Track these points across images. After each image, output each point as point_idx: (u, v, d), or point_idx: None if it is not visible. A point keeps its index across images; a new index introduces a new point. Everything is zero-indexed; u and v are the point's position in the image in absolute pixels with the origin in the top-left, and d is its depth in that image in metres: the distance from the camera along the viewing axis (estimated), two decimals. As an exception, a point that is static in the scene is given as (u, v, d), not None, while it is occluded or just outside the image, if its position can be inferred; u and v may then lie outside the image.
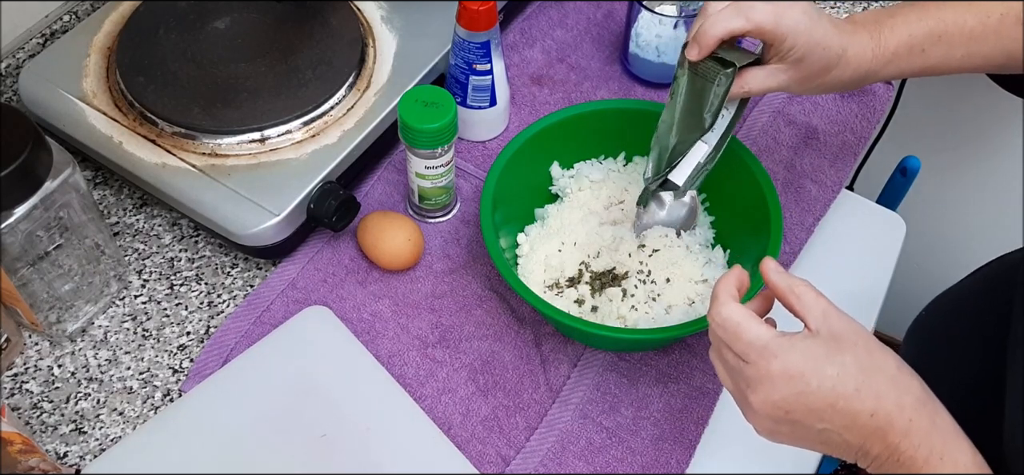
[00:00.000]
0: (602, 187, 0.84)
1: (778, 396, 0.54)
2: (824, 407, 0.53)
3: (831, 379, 0.53)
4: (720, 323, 0.57)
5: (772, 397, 0.54)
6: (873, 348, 0.55)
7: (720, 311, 0.57)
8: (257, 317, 0.78)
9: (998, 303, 0.76)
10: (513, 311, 0.80)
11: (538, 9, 1.02)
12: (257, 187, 0.78)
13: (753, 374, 0.55)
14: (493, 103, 0.88)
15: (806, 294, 0.56)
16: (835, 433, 0.54)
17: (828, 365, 0.54)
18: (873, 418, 0.53)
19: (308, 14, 0.89)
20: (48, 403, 0.74)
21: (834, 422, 0.54)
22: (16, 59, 0.91)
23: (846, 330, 0.55)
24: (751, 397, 0.56)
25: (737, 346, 0.56)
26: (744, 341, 0.55)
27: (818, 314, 0.56)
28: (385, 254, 0.80)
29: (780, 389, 0.54)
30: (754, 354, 0.55)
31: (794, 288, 0.57)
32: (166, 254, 0.83)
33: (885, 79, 0.74)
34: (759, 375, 0.55)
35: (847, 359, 0.54)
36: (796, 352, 0.54)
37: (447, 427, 0.73)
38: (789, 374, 0.54)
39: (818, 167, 0.90)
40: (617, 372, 0.77)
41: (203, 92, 0.82)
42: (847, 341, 0.55)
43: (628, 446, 0.73)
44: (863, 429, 0.53)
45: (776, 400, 0.54)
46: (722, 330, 0.57)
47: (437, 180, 0.81)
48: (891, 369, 0.54)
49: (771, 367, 0.54)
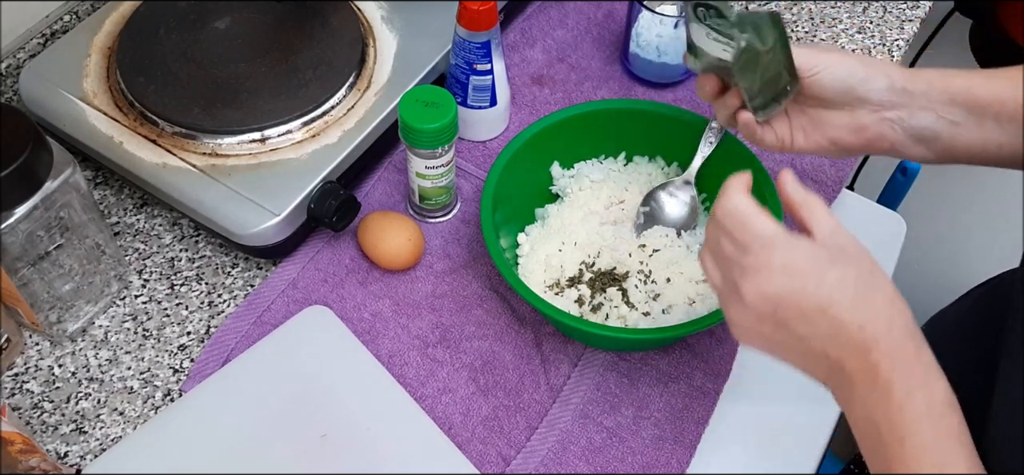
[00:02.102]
0: (602, 187, 0.84)
1: (772, 289, 0.54)
2: (815, 311, 0.53)
3: (829, 285, 0.53)
4: (729, 211, 0.56)
5: (766, 289, 0.54)
6: (875, 269, 0.55)
7: (731, 199, 0.57)
8: (257, 317, 0.78)
9: (991, 324, 0.76)
10: (513, 311, 0.80)
11: (538, 9, 1.02)
12: (257, 187, 0.78)
13: (751, 264, 0.55)
14: (493, 103, 0.88)
15: (818, 209, 0.57)
16: (816, 342, 0.54)
17: (829, 270, 0.53)
18: (860, 331, 0.52)
19: (308, 14, 0.89)
20: (49, 403, 0.74)
21: (819, 329, 0.53)
22: (16, 59, 0.91)
23: (852, 246, 0.55)
24: (743, 287, 0.55)
25: (742, 235, 0.55)
26: (750, 231, 0.55)
27: (827, 229, 0.56)
28: (385, 254, 0.80)
29: (776, 282, 0.54)
30: (757, 245, 0.55)
31: (808, 201, 0.57)
32: (166, 254, 0.83)
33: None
34: (758, 265, 0.54)
35: (849, 271, 0.54)
36: (800, 250, 0.54)
37: (447, 427, 0.73)
38: (789, 269, 0.54)
39: (818, 166, 0.90)
40: (617, 372, 0.77)
41: (203, 92, 0.82)
42: (851, 256, 0.55)
43: (628, 446, 0.73)
44: (846, 342, 0.53)
45: (769, 293, 0.54)
46: (729, 219, 0.56)
47: (437, 180, 0.81)
48: (889, 292, 0.54)
49: (772, 259, 0.54)
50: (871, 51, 1.01)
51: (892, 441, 0.51)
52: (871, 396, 0.52)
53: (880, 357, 0.52)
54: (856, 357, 0.53)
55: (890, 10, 1.05)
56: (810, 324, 0.54)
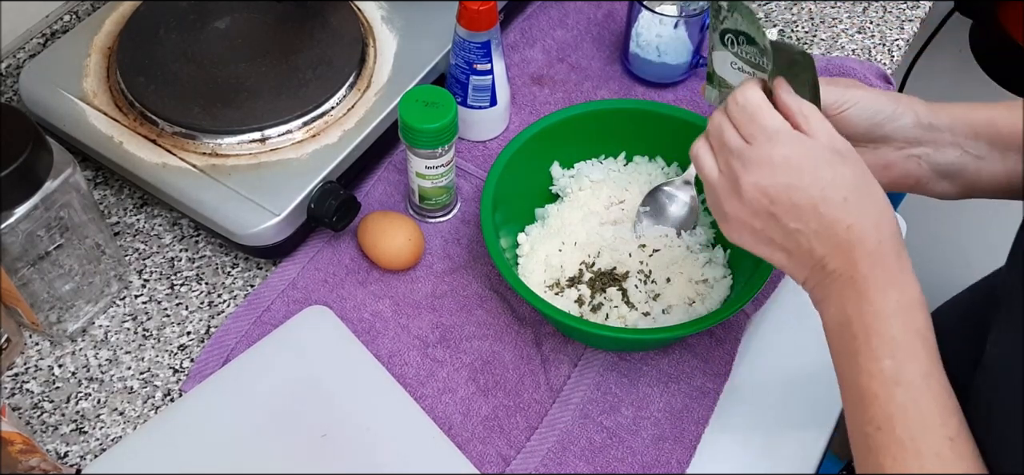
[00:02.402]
0: (602, 187, 0.84)
1: (770, 182, 0.56)
2: (808, 207, 0.55)
3: (823, 182, 0.55)
4: (742, 103, 0.58)
5: (764, 182, 0.56)
6: (867, 176, 0.57)
7: (745, 92, 0.59)
8: (257, 317, 0.78)
9: (982, 324, 0.76)
10: (513, 311, 0.80)
11: (538, 9, 1.02)
12: (257, 187, 0.78)
13: (754, 156, 0.57)
14: (493, 103, 0.88)
15: (814, 116, 0.58)
16: (805, 238, 0.56)
17: (826, 169, 0.56)
18: (848, 231, 0.54)
19: (308, 14, 0.89)
20: (49, 403, 0.74)
21: (809, 225, 0.55)
22: (16, 59, 0.91)
23: (848, 151, 0.57)
24: (743, 179, 0.57)
25: (749, 127, 0.57)
26: (758, 123, 0.57)
27: (825, 134, 0.57)
28: (385, 254, 0.80)
29: (776, 176, 0.56)
30: (763, 136, 0.57)
31: (803, 109, 0.58)
32: (166, 254, 0.83)
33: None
34: (760, 158, 0.57)
35: (846, 171, 0.56)
36: (802, 147, 0.56)
37: (447, 427, 0.73)
38: (789, 163, 0.56)
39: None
40: (617, 372, 0.77)
41: (203, 92, 0.82)
42: (848, 159, 0.56)
43: (628, 446, 0.73)
44: (833, 240, 0.55)
45: (766, 185, 0.56)
46: (741, 112, 0.58)
47: (437, 180, 0.81)
48: (879, 198, 0.56)
49: (774, 152, 0.56)
50: (871, 51, 1.01)
51: (860, 333, 0.53)
52: (847, 292, 0.54)
53: (862, 257, 0.54)
54: (839, 255, 0.55)
55: (890, 10, 1.05)
56: (801, 219, 0.56)
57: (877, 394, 0.52)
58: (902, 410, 0.51)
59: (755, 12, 0.61)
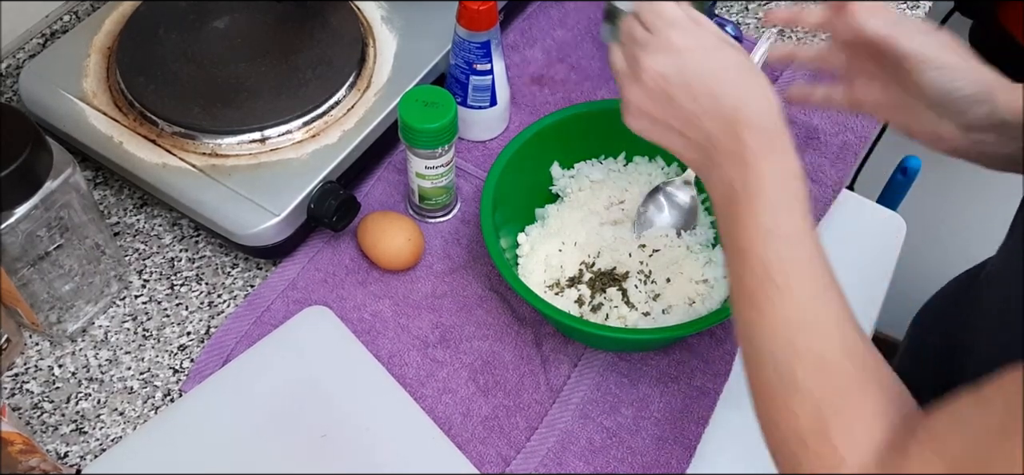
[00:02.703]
0: (602, 187, 0.84)
1: (667, 64, 0.60)
2: (700, 87, 0.59)
3: (715, 63, 0.60)
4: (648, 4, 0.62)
5: (662, 66, 0.60)
6: (754, 67, 0.61)
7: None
8: (257, 317, 0.78)
9: (964, 310, 0.76)
10: (513, 311, 0.80)
11: (538, 9, 1.02)
12: (257, 187, 0.78)
13: (653, 42, 0.61)
14: (493, 103, 0.88)
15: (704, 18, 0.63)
16: (697, 118, 0.59)
17: (717, 53, 0.60)
18: (735, 110, 0.58)
19: (308, 14, 0.89)
20: (48, 403, 0.74)
21: (703, 105, 0.59)
22: (16, 59, 0.91)
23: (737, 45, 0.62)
24: (643, 63, 0.61)
25: (651, 18, 0.62)
26: (659, 14, 0.62)
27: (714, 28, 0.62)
28: (385, 254, 0.80)
29: (672, 59, 0.60)
30: (662, 23, 0.61)
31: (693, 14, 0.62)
32: (166, 254, 0.83)
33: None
34: (659, 44, 0.61)
35: (735, 57, 0.60)
36: (697, 33, 0.61)
37: (447, 427, 0.73)
38: (686, 47, 0.60)
39: (818, 166, 0.90)
40: (617, 372, 0.77)
41: (203, 92, 0.82)
42: (735, 46, 0.62)
43: (628, 446, 0.73)
44: (721, 117, 0.58)
45: (664, 68, 0.60)
46: (648, 9, 0.62)
47: (437, 180, 0.81)
48: (765, 85, 0.59)
49: (673, 36, 0.60)
50: (871, 51, 1.00)
51: (743, 197, 0.56)
52: (731, 161, 0.58)
53: (747, 133, 0.57)
54: (728, 136, 0.58)
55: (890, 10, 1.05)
56: (695, 100, 0.59)
57: (754, 245, 0.55)
58: (778, 257, 0.54)
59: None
